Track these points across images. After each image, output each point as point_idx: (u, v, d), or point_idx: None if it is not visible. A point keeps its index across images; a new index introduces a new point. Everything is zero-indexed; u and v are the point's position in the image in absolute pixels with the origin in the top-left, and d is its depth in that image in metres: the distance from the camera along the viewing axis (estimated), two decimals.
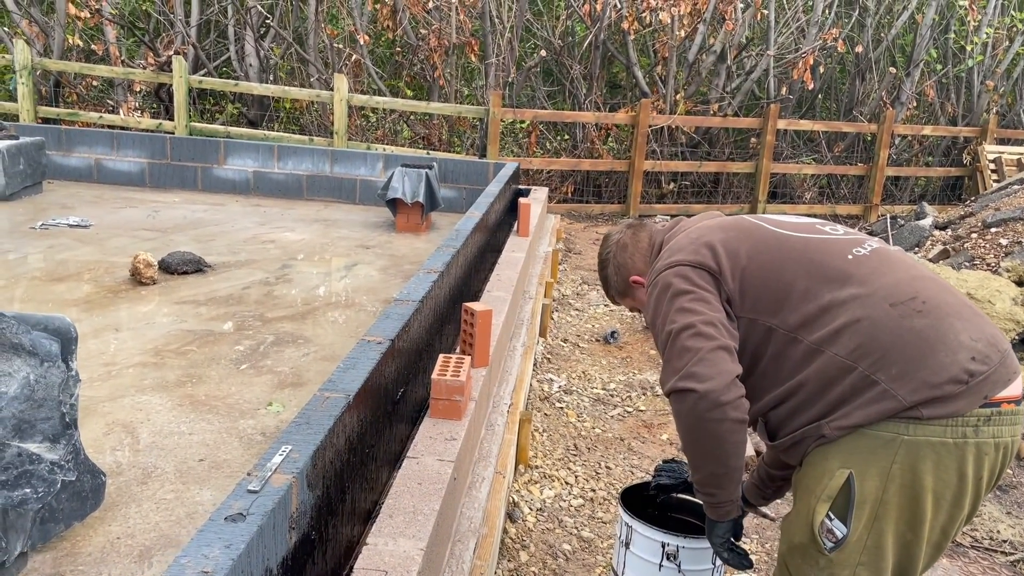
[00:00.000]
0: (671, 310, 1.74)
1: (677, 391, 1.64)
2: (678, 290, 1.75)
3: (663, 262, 1.86)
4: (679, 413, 1.67)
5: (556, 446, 3.62)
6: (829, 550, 1.61)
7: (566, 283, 6.61)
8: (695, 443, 1.68)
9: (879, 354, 1.59)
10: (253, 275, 5.04)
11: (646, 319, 1.90)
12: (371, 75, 10.45)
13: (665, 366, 1.70)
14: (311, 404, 1.99)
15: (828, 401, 1.63)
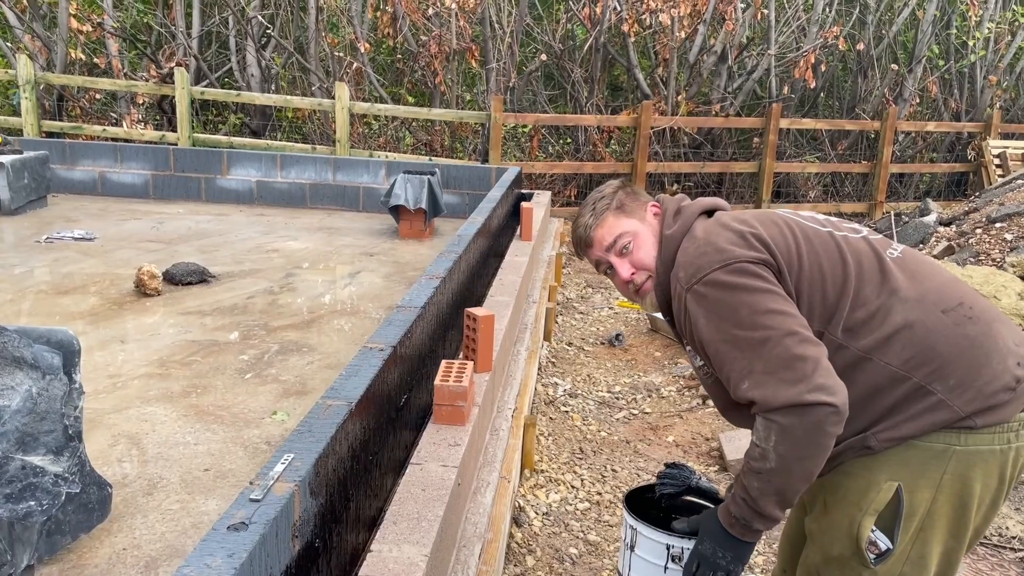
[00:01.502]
0: (756, 312, 1.53)
1: (805, 404, 1.44)
2: (756, 288, 1.55)
3: (711, 257, 1.61)
4: (796, 428, 1.46)
5: (562, 450, 3.62)
6: (874, 563, 1.58)
7: (570, 286, 6.61)
8: (803, 460, 1.49)
9: (937, 364, 1.55)
10: (257, 284, 5.05)
11: (682, 320, 1.65)
12: (372, 83, 10.47)
13: (767, 377, 1.48)
14: (313, 412, 1.99)
15: (875, 411, 1.57)
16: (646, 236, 1.80)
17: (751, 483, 1.54)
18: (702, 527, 1.69)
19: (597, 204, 1.85)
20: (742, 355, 1.52)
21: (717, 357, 1.58)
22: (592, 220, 1.84)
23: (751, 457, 1.55)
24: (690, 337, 1.67)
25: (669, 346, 5.09)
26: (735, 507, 1.59)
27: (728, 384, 1.57)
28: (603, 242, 1.82)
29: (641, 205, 1.84)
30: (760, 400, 1.48)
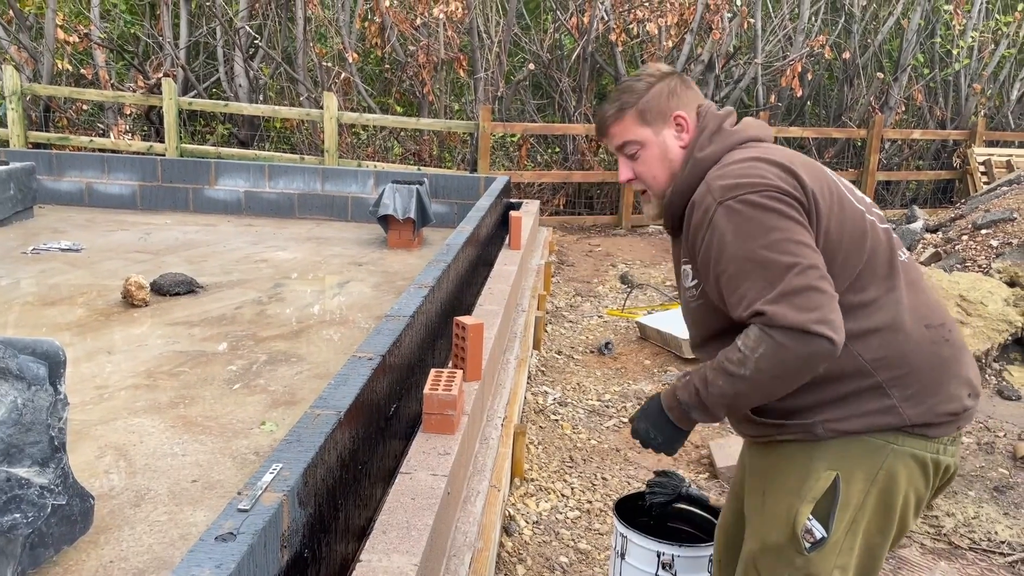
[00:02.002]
0: (787, 238, 1.51)
1: (809, 332, 1.45)
2: (791, 216, 1.54)
3: (752, 179, 1.57)
4: (790, 350, 1.47)
5: (552, 458, 3.61)
6: (808, 550, 1.61)
7: (559, 295, 6.61)
8: (776, 381, 1.53)
9: (903, 372, 1.59)
10: (246, 295, 5.03)
11: (700, 234, 1.59)
12: (360, 92, 10.48)
13: (783, 297, 1.47)
14: (302, 422, 1.98)
15: (828, 395, 1.60)
16: (656, 151, 1.75)
17: (715, 380, 1.56)
18: (643, 410, 1.74)
19: (625, 97, 1.76)
20: (764, 273, 1.50)
21: (735, 275, 1.54)
22: (613, 114, 1.77)
23: (728, 359, 1.55)
24: (699, 253, 1.62)
25: (659, 354, 5.10)
26: (684, 393, 1.63)
27: (736, 303, 1.54)
28: (614, 139, 1.78)
29: (666, 114, 1.74)
30: (769, 314, 1.47)
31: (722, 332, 1.65)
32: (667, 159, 1.74)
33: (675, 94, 1.74)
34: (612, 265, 7.85)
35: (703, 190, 1.62)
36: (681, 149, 1.73)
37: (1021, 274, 5.23)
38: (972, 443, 3.88)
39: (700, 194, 1.62)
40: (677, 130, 1.74)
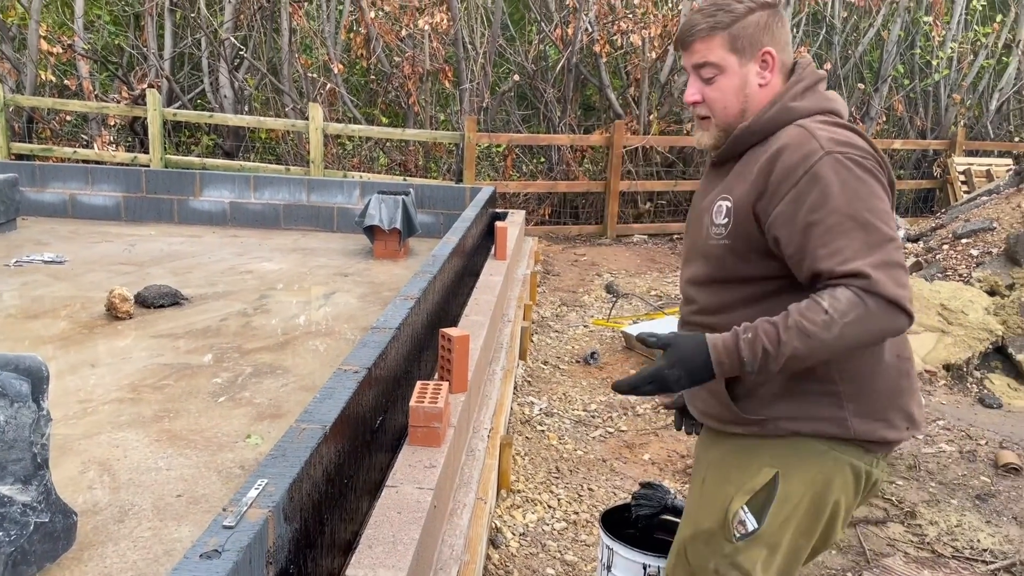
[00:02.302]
0: (887, 213, 1.51)
1: (904, 310, 1.45)
2: (886, 192, 1.56)
3: (862, 147, 1.56)
4: (880, 322, 1.45)
5: (538, 469, 3.62)
6: (737, 539, 1.65)
7: (545, 305, 6.63)
8: (853, 347, 1.49)
9: (863, 390, 1.61)
10: (231, 306, 5.02)
11: (779, 175, 1.53)
12: (346, 103, 10.49)
13: (886, 267, 1.45)
14: (287, 436, 1.98)
15: (790, 388, 1.62)
16: (736, 81, 1.66)
17: (791, 340, 1.46)
18: (678, 353, 1.53)
19: (720, 15, 1.65)
20: (866, 236, 1.46)
21: (832, 228, 1.47)
22: (704, 29, 1.66)
23: (809, 319, 1.45)
24: (778, 196, 1.54)
25: (644, 363, 5.12)
26: (748, 352, 1.49)
27: (826, 255, 1.47)
28: (694, 55, 1.67)
29: (756, 47, 1.65)
30: (874, 279, 1.43)
31: (735, 280, 1.64)
32: (743, 93, 1.66)
33: (769, 29, 1.65)
34: (597, 275, 7.88)
35: (802, 135, 1.56)
36: (759, 87, 1.66)
37: (1001, 283, 5.29)
38: (954, 451, 3.92)
39: (798, 138, 1.56)
40: (762, 66, 1.66)
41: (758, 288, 1.64)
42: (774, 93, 1.66)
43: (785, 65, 1.68)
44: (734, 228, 1.62)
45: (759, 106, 1.66)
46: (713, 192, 1.71)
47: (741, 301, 1.65)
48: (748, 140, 1.65)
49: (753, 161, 1.62)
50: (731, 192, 1.64)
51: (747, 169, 1.62)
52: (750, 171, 1.61)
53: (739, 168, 1.66)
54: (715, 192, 1.70)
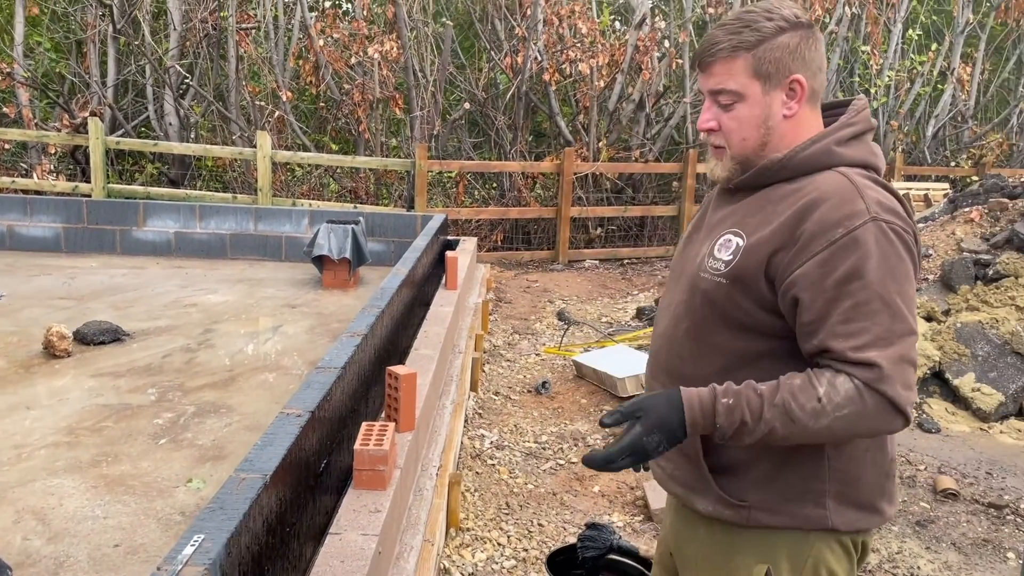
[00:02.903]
0: (912, 296, 1.39)
1: (903, 413, 1.34)
2: (911, 267, 1.40)
3: (902, 211, 1.41)
4: (874, 422, 1.34)
5: (488, 506, 3.59)
6: None
7: (497, 333, 6.62)
8: (835, 438, 1.39)
9: (848, 488, 1.48)
10: (174, 342, 4.91)
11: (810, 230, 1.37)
12: (295, 131, 10.41)
13: (901, 363, 1.33)
14: (226, 487, 1.94)
15: (774, 482, 1.47)
16: (757, 112, 1.47)
17: (772, 419, 1.35)
18: (653, 417, 1.41)
19: (746, 34, 1.45)
20: (891, 324, 1.34)
21: (861, 305, 1.34)
22: (725, 48, 1.46)
23: (799, 403, 1.34)
24: (807, 251, 1.37)
25: (595, 392, 5.13)
26: (726, 420, 1.38)
27: (844, 333, 1.34)
28: (713, 78, 1.48)
29: (784, 73, 1.45)
30: (885, 375, 1.31)
31: (720, 325, 1.48)
32: (765, 125, 1.47)
33: (800, 52, 1.45)
34: (550, 301, 7.90)
35: (846, 189, 1.39)
36: (784, 119, 1.47)
37: (937, 309, 5.43)
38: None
39: (840, 191, 1.39)
40: (788, 95, 1.46)
41: (742, 343, 1.48)
42: (801, 126, 1.48)
43: (816, 93, 1.49)
44: (738, 270, 1.44)
45: (783, 139, 1.48)
46: (721, 221, 1.54)
47: (719, 352, 1.49)
48: (777, 175, 1.48)
49: (778, 200, 1.45)
50: (744, 229, 1.47)
51: (770, 209, 1.45)
52: (774, 213, 1.43)
53: (758, 203, 1.48)
54: (724, 222, 1.52)
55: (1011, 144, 13.65)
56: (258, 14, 10.51)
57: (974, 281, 5.59)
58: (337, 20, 10.23)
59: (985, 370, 4.95)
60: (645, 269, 9.95)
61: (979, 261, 5.65)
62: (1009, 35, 13.47)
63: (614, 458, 1.40)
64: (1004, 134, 13.60)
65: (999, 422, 4.77)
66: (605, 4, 12.70)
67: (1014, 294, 5.30)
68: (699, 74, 1.53)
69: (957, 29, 12.83)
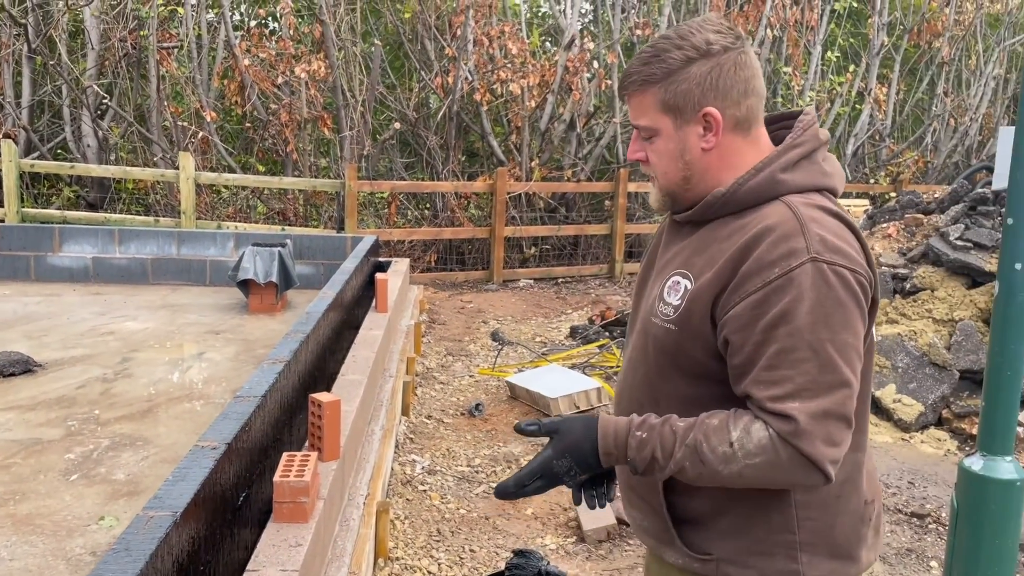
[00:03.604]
0: (853, 345, 1.29)
1: (822, 470, 1.25)
2: (862, 317, 1.31)
3: (847, 247, 1.31)
4: (788, 475, 1.27)
5: (418, 533, 3.51)
6: None
7: (431, 355, 6.54)
8: (747, 485, 1.32)
9: (822, 540, 1.39)
10: (89, 372, 4.70)
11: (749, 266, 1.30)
12: (220, 152, 10.18)
13: (823, 418, 1.25)
14: (133, 527, 1.83)
15: (743, 536, 1.40)
16: (672, 147, 1.40)
17: (682, 460, 1.30)
18: (566, 440, 1.36)
19: (654, 66, 1.38)
20: (819, 375, 1.25)
21: (785, 352, 1.26)
22: (636, 82, 1.40)
23: (711, 447, 1.28)
24: (747, 291, 1.30)
25: (528, 413, 5.09)
26: (636, 453, 1.33)
27: (766, 381, 1.27)
28: (630, 109, 1.44)
29: (695, 108, 1.37)
30: (801, 430, 1.24)
31: (675, 372, 1.41)
32: (682, 160, 1.40)
33: (711, 84, 1.36)
34: (484, 322, 7.86)
35: (789, 224, 1.30)
36: (703, 152, 1.39)
37: None
38: None
39: (783, 226, 1.31)
40: (704, 128, 1.39)
41: (695, 389, 1.40)
42: (730, 156, 1.40)
43: (743, 120, 1.39)
44: (685, 316, 1.37)
45: (707, 172, 1.40)
46: (670, 261, 1.46)
47: (674, 399, 1.42)
48: (722, 209, 1.39)
49: (724, 237, 1.37)
50: (692, 270, 1.39)
51: (716, 247, 1.37)
52: (720, 251, 1.36)
53: (704, 240, 1.41)
54: (672, 262, 1.45)
55: (926, 161, 14.20)
56: (180, 33, 10.28)
57: (893, 295, 5.75)
58: (263, 39, 10.06)
59: (905, 381, 5.08)
60: (579, 288, 10.00)
61: (897, 275, 5.82)
62: (922, 57, 14.05)
63: (524, 481, 1.36)
64: (919, 152, 14.15)
65: (920, 432, 4.89)
66: (535, 25, 12.83)
67: (931, 307, 5.47)
68: (624, 101, 1.50)
69: (873, 51, 13.33)
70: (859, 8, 13.85)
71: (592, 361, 6.08)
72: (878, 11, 12.86)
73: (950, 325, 5.34)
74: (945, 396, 4.98)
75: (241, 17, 11.83)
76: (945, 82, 14.02)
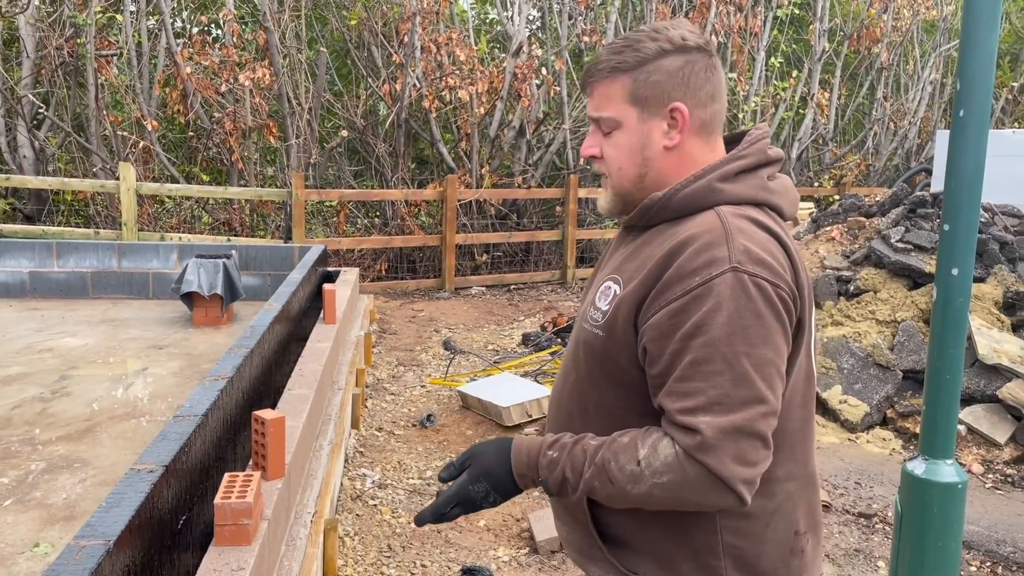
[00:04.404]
0: (772, 360, 1.23)
1: (732, 490, 1.20)
2: (784, 332, 1.25)
3: (772, 260, 1.26)
4: (695, 493, 1.22)
5: (368, 549, 3.45)
6: None
7: (381, 366, 6.46)
8: (657, 506, 1.27)
9: (746, 565, 1.34)
10: (25, 391, 4.54)
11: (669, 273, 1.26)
12: (162, 161, 9.96)
13: (732, 434, 1.19)
14: (63, 557, 1.76)
15: (666, 556, 1.35)
16: (634, 140, 1.36)
17: (591, 479, 1.27)
18: (481, 464, 1.35)
19: (626, 55, 1.34)
20: (732, 389, 1.20)
21: (698, 363, 1.22)
22: (604, 69, 1.36)
23: (619, 464, 1.24)
24: (666, 298, 1.26)
25: (481, 423, 5.06)
26: (548, 473, 1.31)
27: (677, 393, 1.24)
28: (593, 100, 1.39)
29: (664, 100, 1.34)
30: (708, 445, 1.19)
31: (602, 381, 1.37)
32: (642, 156, 1.36)
33: (684, 78, 1.33)
34: (436, 331, 7.80)
35: (714, 233, 1.27)
36: (664, 150, 1.36)
37: None
38: None
39: (708, 235, 1.27)
40: (669, 125, 1.35)
41: (622, 401, 1.36)
42: (688, 159, 1.36)
43: (707, 124, 1.37)
44: (612, 321, 1.33)
45: (664, 172, 1.36)
46: (607, 266, 1.45)
47: (602, 411, 1.37)
48: (659, 215, 1.37)
49: (656, 244, 1.33)
50: (623, 275, 1.36)
51: (647, 253, 1.34)
52: (649, 258, 1.32)
53: (638, 246, 1.38)
54: (608, 267, 1.43)
55: (868, 164, 14.53)
56: (120, 40, 10.04)
57: (837, 297, 5.85)
58: (206, 46, 9.87)
59: (851, 382, 5.17)
60: (532, 294, 9.99)
61: (841, 278, 5.93)
62: (862, 62, 14.38)
63: (441, 509, 1.35)
64: (861, 155, 14.47)
65: (865, 432, 4.98)
66: (482, 32, 12.82)
67: (874, 308, 5.57)
68: (585, 90, 1.43)
69: (815, 57, 13.59)
70: (801, 15, 14.13)
71: (544, 368, 6.07)
72: (819, 18, 13.14)
73: (893, 326, 5.45)
74: (889, 396, 5.08)
75: (183, 24, 11.60)
76: (884, 87, 14.37)
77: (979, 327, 5.12)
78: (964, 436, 4.75)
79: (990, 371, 4.91)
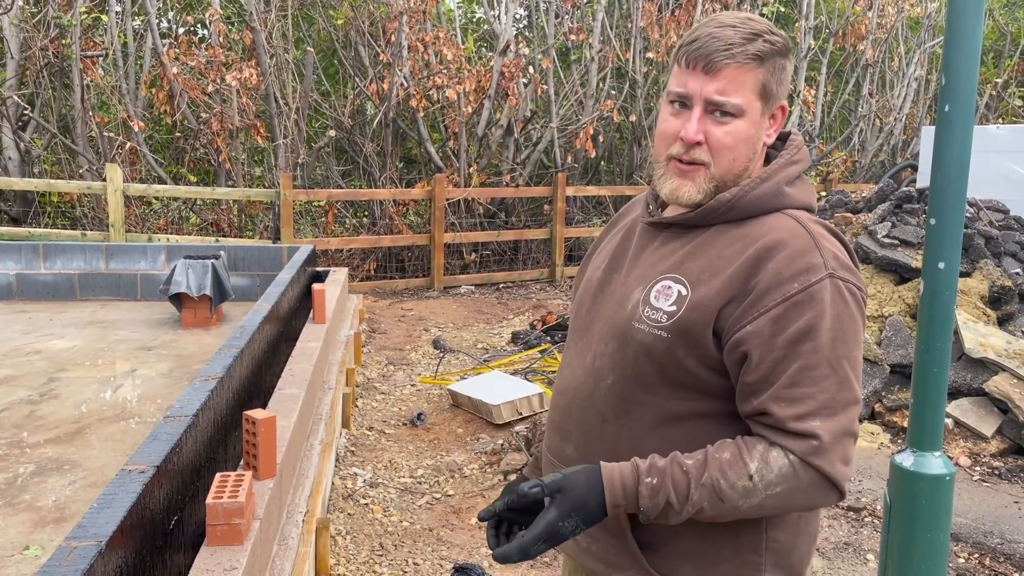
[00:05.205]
0: (860, 360, 1.29)
1: (839, 489, 1.24)
2: (862, 329, 1.31)
3: (855, 267, 1.31)
4: (807, 497, 1.25)
5: (360, 548, 3.45)
6: None
7: (371, 366, 6.46)
8: (760, 514, 1.28)
9: (781, 559, 1.37)
10: (13, 394, 4.52)
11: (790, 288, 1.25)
12: (149, 162, 9.92)
13: (842, 437, 1.23)
14: (55, 558, 1.75)
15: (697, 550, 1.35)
16: (753, 132, 1.33)
17: (700, 500, 1.24)
18: (572, 498, 1.26)
19: (759, 44, 1.29)
20: (837, 393, 1.23)
21: (808, 369, 1.23)
22: (740, 55, 1.29)
23: (729, 481, 1.23)
24: (761, 306, 1.25)
25: (471, 421, 5.06)
26: (647, 497, 1.25)
27: (788, 398, 1.23)
28: (715, 82, 1.29)
29: (779, 98, 1.35)
30: (824, 449, 1.22)
31: (660, 384, 1.33)
32: (752, 148, 1.34)
33: (787, 81, 1.35)
34: (425, 329, 7.80)
35: (802, 239, 1.28)
36: (765, 146, 1.38)
37: None
38: None
39: (795, 241, 1.28)
40: (771, 121, 1.36)
41: (677, 402, 1.33)
42: (761, 158, 1.37)
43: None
44: (684, 323, 1.29)
45: (751, 169, 1.36)
46: (654, 264, 1.38)
47: (650, 410, 1.34)
48: (724, 216, 1.34)
49: (725, 244, 1.32)
50: (686, 276, 1.32)
51: (715, 254, 1.31)
52: (721, 259, 1.30)
53: (699, 246, 1.34)
54: (658, 265, 1.37)
55: (854, 160, 14.61)
56: (105, 41, 9.98)
57: None
58: (192, 47, 9.83)
59: None
60: (521, 292, 10.00)
61: None
62: (847, 59, 14.45)
63: (528, 547, 1.27)
64: (847, 151, 14.55)
65: None
66: (470, 31, 12.82)
67: None
68: (692, 74, 1.31)
69: (801, 54, 13.66)
70: (786, 13, 14.19)
71: (534, 366, 6.08)
72: (804, 15, 13.19)
73: (880, 321, 5.49)
74: (877, 390, 5.12)
75: (169, 24, 11.55)
76: (870, 83, 14.45)
77: (965, 321, 5.16)
78: (951, 429, 4.79)
79: (976, 365, 4.95)
